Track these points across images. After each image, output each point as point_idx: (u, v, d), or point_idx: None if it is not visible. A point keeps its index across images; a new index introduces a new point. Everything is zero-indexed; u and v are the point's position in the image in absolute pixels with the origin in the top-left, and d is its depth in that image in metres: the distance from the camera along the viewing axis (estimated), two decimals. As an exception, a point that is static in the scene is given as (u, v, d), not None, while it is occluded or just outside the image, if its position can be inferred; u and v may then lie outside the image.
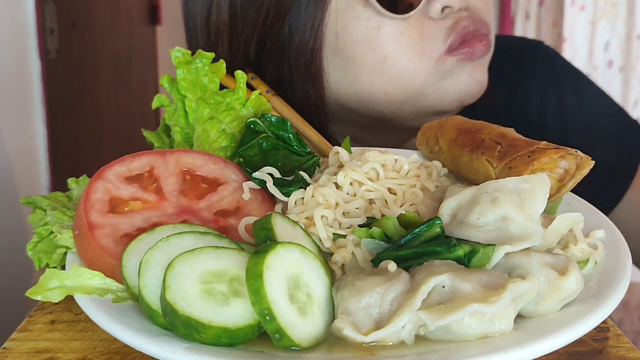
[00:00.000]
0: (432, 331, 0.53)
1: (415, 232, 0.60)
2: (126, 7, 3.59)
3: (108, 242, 0.62)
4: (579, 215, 0.65)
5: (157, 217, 0.66)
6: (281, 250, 0.54)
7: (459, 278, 0.54)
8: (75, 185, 0.79)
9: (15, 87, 2.00)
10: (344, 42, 0.93)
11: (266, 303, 0.51)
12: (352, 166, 0.72)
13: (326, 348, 0.54)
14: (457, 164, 0.79)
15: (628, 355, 0.60)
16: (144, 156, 0.71)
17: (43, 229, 0.71)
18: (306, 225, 0.65)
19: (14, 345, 0.62)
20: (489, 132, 0.76)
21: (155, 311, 0.54)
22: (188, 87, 0.83)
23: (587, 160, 0.70)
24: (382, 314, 0.54)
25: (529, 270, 0.56)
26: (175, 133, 0.84)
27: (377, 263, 0.59)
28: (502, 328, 0.53)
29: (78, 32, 2.89)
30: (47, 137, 2.34)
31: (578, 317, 0.54)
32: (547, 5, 3.93)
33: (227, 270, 0.55)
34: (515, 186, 0.64)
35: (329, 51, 0.95)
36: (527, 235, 0.59)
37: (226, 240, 0.60)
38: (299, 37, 0.94)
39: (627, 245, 0.65)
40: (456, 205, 0.65)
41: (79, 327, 0.65)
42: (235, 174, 0.73)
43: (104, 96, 3.26)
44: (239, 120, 0.82)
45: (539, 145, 0.71)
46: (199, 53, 0.84)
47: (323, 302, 0.56)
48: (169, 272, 0.53)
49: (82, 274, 0.60)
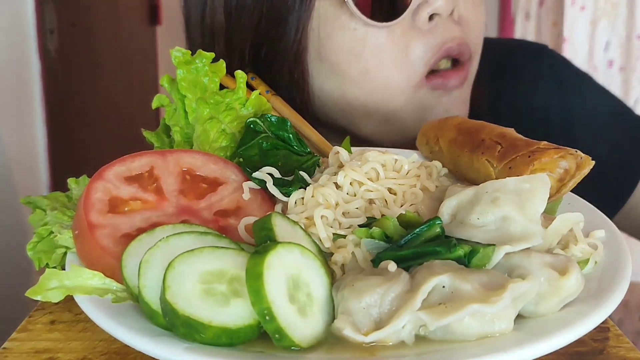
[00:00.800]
0: (432, 331, 0.53)
1: (415, 232, 0.60)
2: (126, 7, 3.59)
3: (108, 242, 0.62)
4: (579, 215, 0.65)
5: (157, 217, 0.66)
6: (281, 250, 0.54)
7: (459, 278, 0.54)
8: (75, 185, 0.79)
9: (15, 87, 2.00)
10: (329, 49, 0.93)
11: (266, 303, 0.51)
12: (352, 166, 0.72)
13: (326, 348, 0.54)
14: (457, 164, 0.79)
15: (628, 356, 0.60)
16: (144, 156, 0.71)
17: (43, 229, 0.71)
18: (306, 225, 0.65)
19: (14, 345, 0.62)
20: (489, 132, 0.76)
21: (155, 311, 0.54)
22: (188, 87, 0.83)
23: (587, 160, 0.70)
24: (382, 314, 0.54)
25: (529, 270, 0.56)
26: (175, 133, 0.84)
27: (377, 263, 0.59)
28: (502, 328, 0.53)
29: (78, 32, 2.89)
30: (47, 137, 2.34)
31: (578, 317, 0.54)
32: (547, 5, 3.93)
33: (227, 270, 0.55)
34: (516, 186, 0.64)
35: (314, 56, 0.94)
36: (528, 236, 0.59)
37: (226, 240, 0.60)
38: (284, 42, 0.94)
39: (627, 245, 0.65)
40: (456, 205, 0.65)
41: (79, 327, 0.65)
42: (235, 174, 0.73)
43: (104, 96, 3.26)
44: (239, 120, 0.82)
45: (539, 145, 0.71)
46: (199, 53, 0.84)
47: (323, 302, 0.56)
48: (169, 272, 0.53)
49: (82, 274, 0.60)
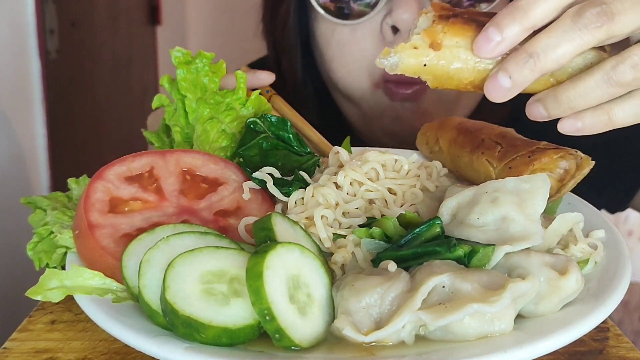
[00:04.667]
0: (432, 331, 0.53)
1: (415, 232, 0.60)
2: (126, 7, 3.58)
3: (108, 242, 0.62)
4: (579, 215, 0.65)
5: (157, 217, 0.66)
6: (281, 250, 0.54)
7: (459, 278, 0.54)
8: (75, 185, 0.79)
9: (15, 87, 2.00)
10: (315, 30, 1.05)
11: (266, 303, 0.51)
12: (352, 166, 0.71)
13: (326, 348, 0.54)
14: (457, 164, 0.79)
15: (628, 355, 0.60)
16: (144, 156, 0.71)
17: (43, 229, 0.71)
18: (306, 225, 0.65)
19: (14, 345, 0.62)
20: (489, 132, 0.76)
21: (155, 311, 0.54)
22: (188, 87, 0.83)
23: (587, 160, 0.70)
24: (382, 314, 0.54)
25: (529, 270, 0.56)
26: (175, 133, 0.84)
27: (377, 263, 0.59)
28: (502, 328, 0.53)
29: (78, 32, 2.88)
30: (47, 137, 2.33)
31: (578, 317, 0.54)
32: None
33: (227, 270, 0.55)
34: (515, 186, 0.64)
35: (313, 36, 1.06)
36: (527, 235, 0.59)
37: (226, 240, 0.60)
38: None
39: (627, 245, 0.65)
40: (456, 205, 0.65)
41: (79, 327, 0.65)
42: (235, 174, 0.73)
43: (104, 96, 3.26)
44: (239, 120, 0.82)
45: (539, 145, 0.71)
46: (199, 53, 0.84)
47: (323, 302, 0.56)
48: (169, 272, 0.53)
49: (82, 274, 0.60)
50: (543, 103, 0.57)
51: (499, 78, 0.56)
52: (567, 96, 0.56)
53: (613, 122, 0.57)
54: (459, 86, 0.60)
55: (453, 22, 0.58)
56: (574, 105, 0.56)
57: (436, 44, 0.57)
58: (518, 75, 0.55)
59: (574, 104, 0.56)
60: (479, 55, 0.57)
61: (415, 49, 0.58)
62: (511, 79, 0.55)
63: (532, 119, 0.59)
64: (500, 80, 0.56)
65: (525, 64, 0.54)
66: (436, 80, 0.59)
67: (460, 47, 0.58)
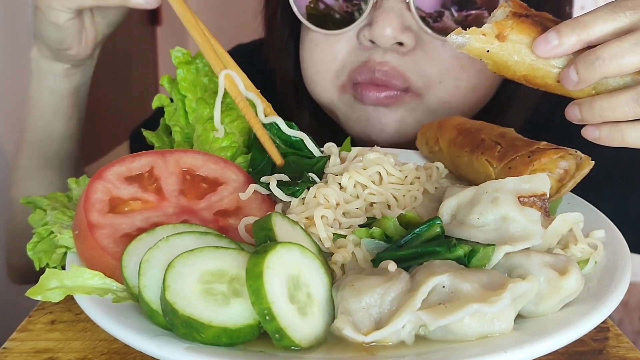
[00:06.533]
0: (432, 331, 0.53)
1: (415, 232, 0.60)
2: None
3: (108, 242, 0.62)
4: (579, 215, 0.65)
5: (157, 217, 0.66)
6: (281, 250, 0.54)
7: (459, 278, 0.54)
8: (75, 185, 0.79)
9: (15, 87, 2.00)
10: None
11: (266, 303, 0.51)
12: (356, 168, 0.71)
13: (326, 348, 0.54)
14: (457, 164, 0.79)
15: (628, 355, 0.60)
16: (144, 156, 0.71)
17: (43, 229, 0.71)
18: (306, 225, 0.65)
19: (14, 345, 0.62)
20: (489, 132, 0.76)
21: (155, 311, 0.54)
22: (188, 87, 0.83)
23: (587, 160, 0.70)
24: (382, 314, 0.54)
25: (529, 270, 0.56)
26: (175, 133, 0.84)
27: (377, 263, 0.59)
28: (502, 328, 0.53)
29: (78, 32, 2.88)
30: (47, 137, 2.32)
31: (578, 317, 0.54)
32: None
33: (227, 270, 0.55)
34: (515, 186, 0.64)
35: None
36: (527, 235, 0.59)
37: (226, 240, 0.60)
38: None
39: (627, 245, 0.65)
40: (456, 205, 0.65)
41: (79, 327, 0.65)
42: (235, 174, 0.73)
43: (104, 96, 3.25)
44: (239, 120, 0.82)
45: (538, 145, 0.71)
46: (199, 53, 0.84)
47: (323, 302, 0.56)
48: (169, 272, 0.53)
49: (82, 274, 0.60)
50: (580, 107, 0.64)
51: (569, 71, 0.63)
52: (600, 105, 0.62)
53: (625, 140, 0.62)
54: (514, 77, 0.66)
55: (523, 20, 0.64)
56: (603, 115, 0.62)
57: (502, 36, 0.64)
58: (584, 72, 0.61)
59: (603, 114, 0.62)
60: (535, 53, 0.63)
61: (484, 35, 0.64)
62: (578, 74, 0.62)
63: (568, 119, 0.65)
64: (570, 73, 0.62)
65: (592, 64, 0.61)
66: (495, 66, 0.66)
67: (522, 44, 0.64)
